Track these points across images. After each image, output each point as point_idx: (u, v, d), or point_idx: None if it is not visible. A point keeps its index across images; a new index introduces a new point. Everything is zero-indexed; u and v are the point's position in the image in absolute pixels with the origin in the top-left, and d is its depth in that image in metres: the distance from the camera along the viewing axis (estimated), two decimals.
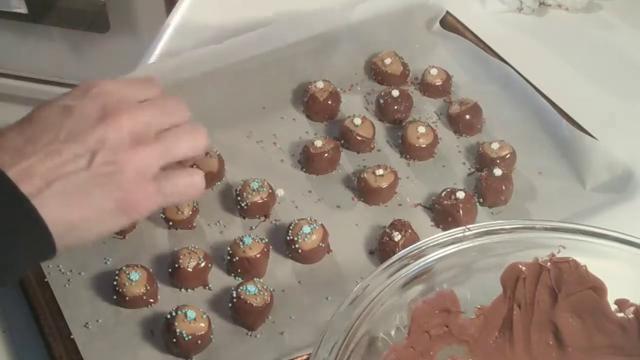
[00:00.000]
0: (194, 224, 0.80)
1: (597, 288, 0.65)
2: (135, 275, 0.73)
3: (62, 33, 0.93)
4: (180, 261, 0.74)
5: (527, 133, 0.87)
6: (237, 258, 0.75)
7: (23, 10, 1.46)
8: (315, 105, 0.89)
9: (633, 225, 0.69)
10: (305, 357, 0.68)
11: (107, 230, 0.64)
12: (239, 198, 0.80)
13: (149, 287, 0.73)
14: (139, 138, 0.63)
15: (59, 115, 0.63)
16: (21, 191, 0.58)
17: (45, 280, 0.75)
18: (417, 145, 0.85)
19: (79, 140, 0.61)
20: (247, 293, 0.71)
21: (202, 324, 0.70)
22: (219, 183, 0.84)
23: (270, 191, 0.80)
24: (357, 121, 0.86)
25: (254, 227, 0.80)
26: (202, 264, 0.74)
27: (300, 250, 0.76)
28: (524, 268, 0.65)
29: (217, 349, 0.71)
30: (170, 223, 0.79)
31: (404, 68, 0.93)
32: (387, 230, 0.77)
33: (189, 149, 0.67)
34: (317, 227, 0.77)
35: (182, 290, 0.75)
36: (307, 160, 0.84)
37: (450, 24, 0.99)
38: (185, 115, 0.68)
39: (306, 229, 0.76)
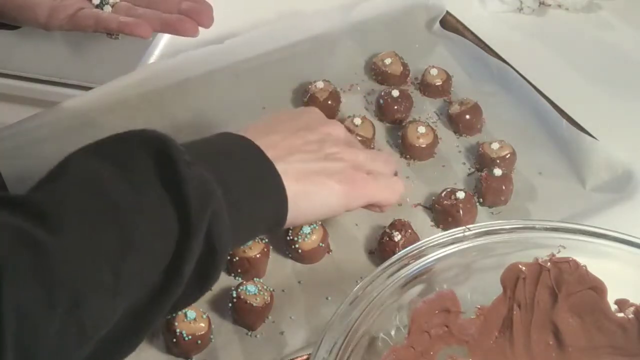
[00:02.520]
0: None
1: (597, 288, 0.65)
2: None
3: (62, 33, 0.93)
4: None
5: (527, 133, 0.87)
6: (237, 258, 0.75)
7: None
8: (315, 105, 0.89)
9: (633, 225, 0.69)
10: (305, 357, 0.68)
11: (328, 211, 0.72)
12: None
13: None
14: (352, 143, 0.76)
15: (292, 113, 0.80)
16: (267, 155, 0.67)
17: None
18: (417, 145, 0.85)
19: (311, 130, 0.73)
20: (247, 293, 0.71)
21: (202, 324, 0.70)
22: None
23: None
24: (357, 121, 0.86)
25: None
26: None
27: (300, 250, 0.76)
28: (524, 268, 0.65)
29: (217, 349, 0.71)
30: None
31: (404, 68, 0.93)
32: (387, 230, 0.77)
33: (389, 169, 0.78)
34: (317, 227, 0.76)
35: None
36: None
37: (450, 24, 0.99)
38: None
39: (306, 229, 0.76)
